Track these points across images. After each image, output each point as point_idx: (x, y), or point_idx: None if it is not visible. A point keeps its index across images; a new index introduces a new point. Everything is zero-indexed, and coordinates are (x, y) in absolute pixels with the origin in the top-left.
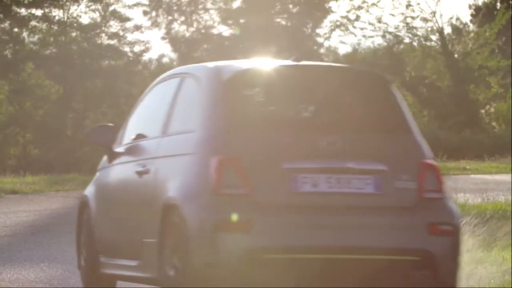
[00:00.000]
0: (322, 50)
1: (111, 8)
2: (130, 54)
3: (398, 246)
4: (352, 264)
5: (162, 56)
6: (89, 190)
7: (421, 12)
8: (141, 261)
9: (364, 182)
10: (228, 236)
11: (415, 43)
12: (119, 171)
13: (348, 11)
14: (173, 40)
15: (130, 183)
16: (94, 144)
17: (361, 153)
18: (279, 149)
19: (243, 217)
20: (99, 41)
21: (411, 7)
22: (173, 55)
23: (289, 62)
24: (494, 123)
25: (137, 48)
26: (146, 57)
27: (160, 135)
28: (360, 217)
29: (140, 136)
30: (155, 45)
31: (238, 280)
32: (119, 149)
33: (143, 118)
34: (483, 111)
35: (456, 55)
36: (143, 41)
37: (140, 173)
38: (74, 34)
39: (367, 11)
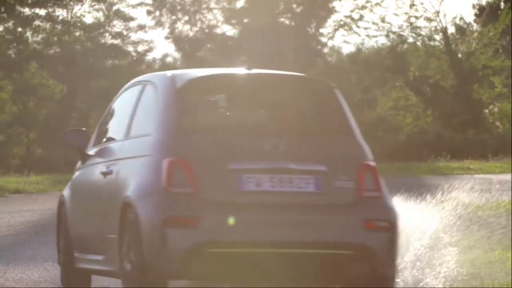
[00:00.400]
0: (325, 50)
1: (114, 8)
2: (133, 53)
3: (336, 240)
4: (293, 258)
5: (165, 55)
6: (66, 190)
7: (424, 11)
8: (106, 256)
9: (305, 181)
10: (176, 231)
11: (418, 43)
12: (89, 172)
13: (351, 11)
14: (177, 39)
15: (97, 183)
16: (68, 146)
17: (303, 155)
18: (226, 151)
19: (190, 214)
20: (102, 41)
21: (414, 7)
22: (177, 55)
23: (242, 70)
24: (497, 123)
25: (140, 48)
26: (149, 56)
27: (123, 138)
28: (300, 214)
29: (109, 139)
30: (159, 45)
31: (186, 273)
32: (91, 151)
33: (112, 122)
34: (486, 110)
35: (459, 55)
36: (146, 41)
37: (104, 174)
38: (77, 33)
39: (371, 10)
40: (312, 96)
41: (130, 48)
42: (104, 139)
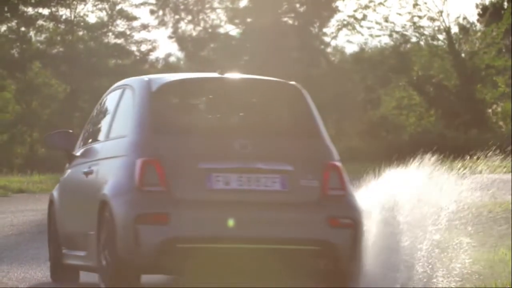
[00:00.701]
0: (329, 49)
1: (118, 7)
2: (137, 53)
3: (301, 237)
4: (260, 253)
5: (169, 55)
6: (55, 190)
7: (428, 11)
8: (87, 252)
9: (272, 180)
10: (147, 228)
11: (422, 43)
12: (74, 172)
13: (355, 10)
14: (180, 39)
15: (80, 182)
16: (52, 147)
17: (270, 155)
18: (196, 151)
19: (161, 211)
20: (106, 40)
21: (418, 6)
22: (180, 54)
23: (214, 75)
24: (501, 123)
25: (144, 47)
26: (153, 56)
27: (104, 139)
28: (267, 211)
29: (93, 140)
30: (162, 44)
31: (157, 268)
32: (77, 152)
33: (95, 124)
34: (490, 110)
35: (463, 55)
36: (150, 40)
37: (86, 174)
38: (81, 33)
39: (374, 10)
40: (281, 99)
41: (133, 48)
42: (89, 140)
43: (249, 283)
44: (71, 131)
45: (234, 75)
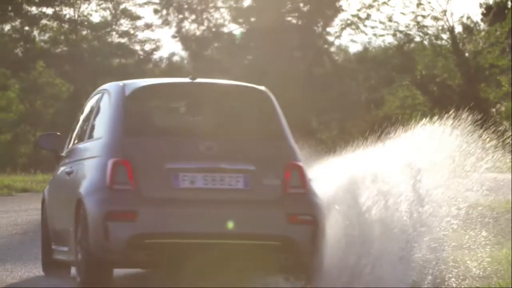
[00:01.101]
0: (332, 49)
1: (121, 7)
2: (140, 52)
3: (262, 232)
4: (223, 248)
5: (172, 54)
6: (46, 188)
7: (431, 10)
8: (69, 247)
9: (235, 179)
10: (116, 224)
11: (425, 42)
12: (60, 172)
13: (359, 10)
14: (184, 38)
15: (63, 181)
16: (42, 148)
17: (234, 156)
18: (165, 152)
19: (129, 208)
20: (109, 40)
21: (421, 6)
22: (184, 54)
23: (186, 80)
24: (504, 122)
25: (147, 47)
26: (156, 55)
27: (85, 141)
28: (230, 208)
29: (77, 142)
30: (166, 44)
31: (126, 262)
32: (64, 153)
33: (80, 126)
34: (493, 109)
35: (466, 54)
36: (153, 40)
37: (68, 173)
38: (84, 32)
39: (378, 9)
40: (248, 103)
41: (137, 47)
42: (75, 142)
43: (213, 276)
44: (59, 133)
45: (205, 80)
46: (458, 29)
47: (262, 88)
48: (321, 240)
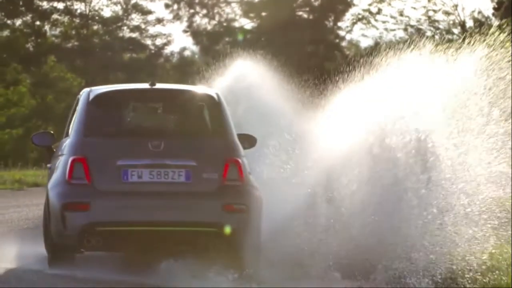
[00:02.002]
0: (344, 43)
1: (133, 1)
2: (152, 47)
3: (200, 220)
4: (166, 235)
5: (184, 49)
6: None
7: (443, 5)
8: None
9: (178, 174)
10: (72, 214)
11: (437, 37)
12: (49, 167)
13: (370, 4)
14: (195, 33)
15: (48, 176)
16: (37, 146)
17: (178, 153)
18: (117, 150)
19: (83, 200)
20: (120, 34)
21: (433, 0)
22: (195, 48)
23: (145, 86)
24: None
25: (159, 41)
26: (168, 50)
27: (64, 139)
28: (173, 199)
29: (63, 139)
30: (177, 38)
31: (82, 247)
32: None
33: (67, 125)
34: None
35: None
36: (164, 34)
37: (50, 169)
38: (96, 27)
39: (389, 4)
40: (197, 105)
41: (148, 42)
42: (62, 139)
43: (156, 258)
44: (52, 132)
45: (163, 86)
46: (470, 23)
47: (213, 92)
48: (254, 228)
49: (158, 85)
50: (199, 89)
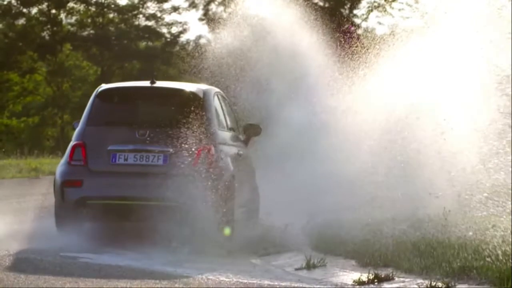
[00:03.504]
0: (359, 31)
1: None
2: (167, 35)
3: (175, 197)
4: (141, 207)
5: (199, 37)
6: None
7: None
8: None
9: (157, 158)
10: (69, 189)
11: None
12: None
13: None
14: (211, 21)
15: None
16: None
17: (159, 141)
18: (110, 138)
19: (78, 178)
20: (136, 23)
21: None
22: (211, 36)
23: (146, 83)
24: None
25: (174, 29)
26: (183, 38)
27: None
28: (152, 179)
29: None
30: (193, 26)
31: (77, 217)
32: None
33: None
34: None
35: None
36: (180, 22)
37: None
38: (111, 15)
39: None
40: (184, 101)
41: (164, 30)
42: None
43: (133, 226)
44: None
45: (160, 84)
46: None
47: (201, 91)
48: (218, 204)
49: (158, 83)
50: (190, 87)
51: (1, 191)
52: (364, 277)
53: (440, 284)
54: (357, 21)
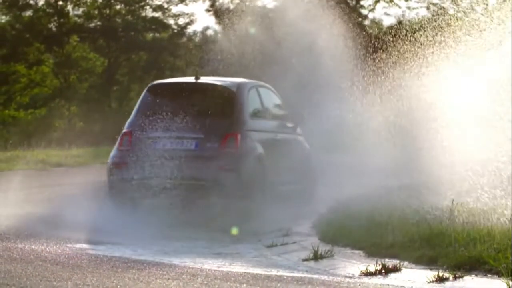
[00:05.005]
0: (366, 22)
1: None
2: (174, 26)
3: (202, 177)
4: (179, 186)
5: (206, 28)
6: None
7: None
8: None
9: (190, 143)
10: (117, 170)
11: (459, 15)
12: None
13: None
14: (218, 12)
15: None
16: None
17: (193, 129)
18: (152, 126)
19: (124, 161)
20: (143, 14)
21: None
22: (218, 27)
23: (191, 79)
24: None
25: (181, 21)
26: (190, 29)
27: None
28: (185, 161)
29: None
30: (200, 18)
31: (123, 194)
32: None
33: None
34: None
35: None
36: (187, 14)
37: None
38: (118, 7)
39: None
40: (220, 96)
41: (171, 21)
42: None
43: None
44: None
45: (203, 80)
46: (493, 1)
47: (235, 86)
48: (240, 183)
49: (201, 79)
50: (225, 82)
51: (8, 183)
52: (372, 267)
53: (447, 275)
54: (364, 12)
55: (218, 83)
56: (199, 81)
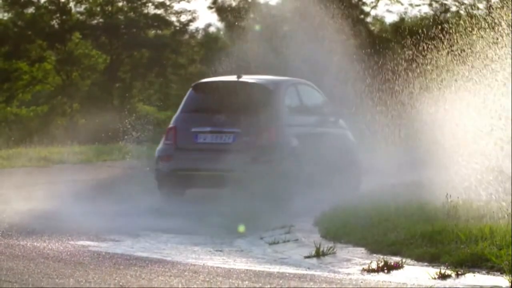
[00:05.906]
0: (368, 19)
1: None
2: (176, 23)
3: (238, 168)
4: (219, 177)
5: (209, 25)
6: None
7: None
8: None
9: (228, 137)
10: (163, 163)
11: (461, 11)
12: None
13: None
14: (220, 9)
15: None
16: None
17: (231, 124)
18: (194, 122)
19: (168, 154)
20: (145, 11)
21: None
22: (220, 25)
23: (233, 78)
24: None
25: (183, 18)
26: (193, 26)
27: None
28: (223, 154)
29: None
30: (202, 15)
31: (167, 183)
32: None
33: None
34: None
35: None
36: (189, 11)
37: None
38: (120, 4)
39: None
40: (257, 93)
41: (173, 18)
42: None
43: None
44: None
45: (245, 78)
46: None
47: (272, 85)
48: (274, 174)
49: (243, 78)
50: (263, 80)
51: (10, 181)
52: (374, 264)
53: (449, 272)
54: (366, 9)
55: (258, 81)
56: (240, 79)
